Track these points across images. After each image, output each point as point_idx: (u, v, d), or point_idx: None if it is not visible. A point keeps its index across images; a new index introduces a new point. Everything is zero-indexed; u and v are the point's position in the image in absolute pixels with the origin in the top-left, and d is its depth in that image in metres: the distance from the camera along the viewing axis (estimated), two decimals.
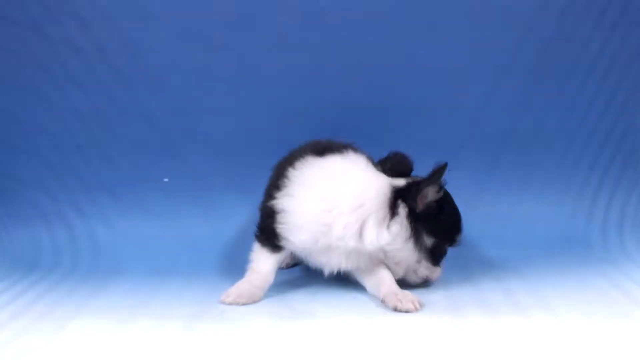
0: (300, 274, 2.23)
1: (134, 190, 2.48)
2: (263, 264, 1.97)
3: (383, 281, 1.93)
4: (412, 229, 1.92)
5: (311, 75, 2.48)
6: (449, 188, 2.01)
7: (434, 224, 1.95)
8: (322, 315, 1.83)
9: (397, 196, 1.92)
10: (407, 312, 1.83)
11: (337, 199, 1.89)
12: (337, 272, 2.02)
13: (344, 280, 2.06)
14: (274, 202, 1.94)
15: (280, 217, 1.92)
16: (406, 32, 2.48)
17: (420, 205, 1.92)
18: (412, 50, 2.49)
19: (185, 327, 1.74)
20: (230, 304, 1.91)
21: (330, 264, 1.95)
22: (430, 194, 1.92)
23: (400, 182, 1.97)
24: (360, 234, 1.90)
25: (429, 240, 1.96)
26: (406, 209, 1.91)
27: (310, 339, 1.67)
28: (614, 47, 2.53)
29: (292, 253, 2.07)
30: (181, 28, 2.43)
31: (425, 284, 2.04)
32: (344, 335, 1.69)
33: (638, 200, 2.56)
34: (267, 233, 1.96)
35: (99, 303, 1.95)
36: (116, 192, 2.48)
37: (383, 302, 1.89)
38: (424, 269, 2.00)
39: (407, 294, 1.88)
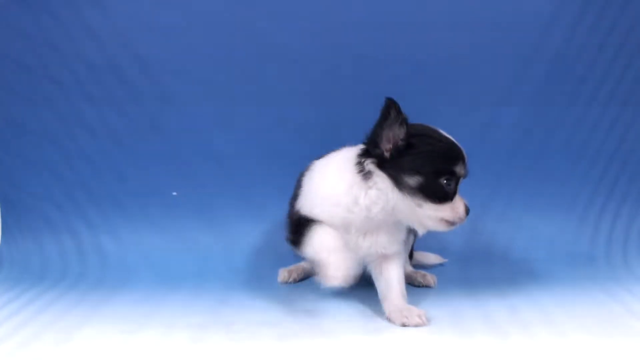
0: (308, 288, 2.23)
1: (142, 203, 2.49)
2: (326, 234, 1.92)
3: (388, 294, 1.94)
4: (389, 176, 1.88)
5: (321, 92, 2.50)
6: None
7: (408, 161, 1.87)
8: (329, 329, 1.84)
9: (361, 157, 1.91)
10: (416, 326, 1.83)
11: (332, 192, 1.92)
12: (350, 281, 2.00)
13: (351, 295, 2.07)
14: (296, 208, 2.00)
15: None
16: (415, 47, 2.49)
17: (386, 151, 1.88)
18: (420, 63, 2.50)
19: (191, 338, 1.75)
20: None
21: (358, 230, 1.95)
22: (395, 133, 1.87)
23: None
24: (362, 206, 1.89)
25: (412, 180, 1.87)
26: (374, 162, 1.89)
27: (317, 353, 1.67)
28: (620, 68, 2.53)
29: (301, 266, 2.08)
30: (193, 45, 2.45)
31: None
32: (350, 351, 1.69)
33: None
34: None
35: (106, 313, 1.96)
36: (124, 205, 2.49)
37: (389, 320, 1.89)
38: (432, 211, 1.89)
39: (412, 308, 1.88)
